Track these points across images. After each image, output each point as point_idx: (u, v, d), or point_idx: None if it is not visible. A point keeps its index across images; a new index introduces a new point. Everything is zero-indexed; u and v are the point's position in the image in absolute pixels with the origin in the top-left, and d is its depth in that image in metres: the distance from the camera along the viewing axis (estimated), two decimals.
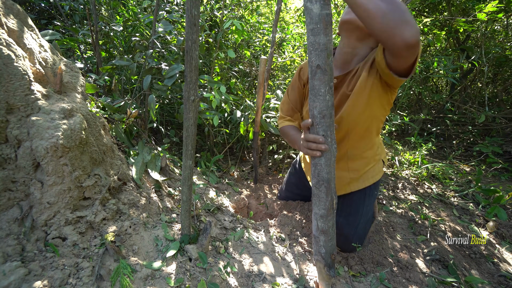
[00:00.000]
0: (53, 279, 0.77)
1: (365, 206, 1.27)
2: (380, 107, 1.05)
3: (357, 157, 1.19)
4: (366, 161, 1.21)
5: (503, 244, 1.50)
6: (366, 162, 1.22)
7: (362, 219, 1.27)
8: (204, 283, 0.91)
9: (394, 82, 0.93)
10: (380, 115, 1.08)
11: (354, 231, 1.26)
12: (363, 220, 1.27)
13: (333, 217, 0.85)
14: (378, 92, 1.00)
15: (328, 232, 0.88)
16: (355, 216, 1.27)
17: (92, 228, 0.96)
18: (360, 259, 1.26)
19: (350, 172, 1.22)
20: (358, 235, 1.26)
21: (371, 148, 1.18)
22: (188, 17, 0.81)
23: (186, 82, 0.88)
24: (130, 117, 1.56)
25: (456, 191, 2.01)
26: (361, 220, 1.27)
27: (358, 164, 1.21)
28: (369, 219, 1.32)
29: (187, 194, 1.01)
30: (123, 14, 2.18)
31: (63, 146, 0.88)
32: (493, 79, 3.47)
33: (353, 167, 1.21)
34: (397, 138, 3.16)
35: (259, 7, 2.63)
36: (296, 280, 1.07)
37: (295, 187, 1.60)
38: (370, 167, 1.23)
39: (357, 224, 1.27)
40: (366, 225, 1.30)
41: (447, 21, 2.68)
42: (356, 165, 1.21)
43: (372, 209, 1.32)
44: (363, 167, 1.22)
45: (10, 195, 0.88)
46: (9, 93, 0.87)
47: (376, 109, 1.05)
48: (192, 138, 0.95)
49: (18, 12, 1.01)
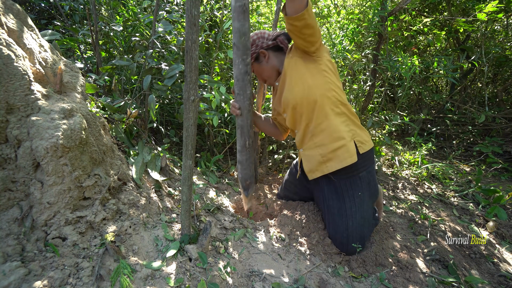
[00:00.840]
0: (53, 279, 0.77)
1: (347, 209, 1.25)
2: (314, 76, 1.20)
3: (317, 131, 1.24)
4: (328, 134, 1.22)
5: (503, 244, 1.50)
6: (330, 135, 1.22)
7: (354, 214, 1.24)
8: (204, 283, 0.91)
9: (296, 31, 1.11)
10: (320, 84, 1.20)
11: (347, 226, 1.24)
12: (357, 216, 1.24)
13: (247, 153, 1.35)
14: (301, 64, 1.22)
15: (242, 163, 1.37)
16: (339, 220, 1.26)
17: (92, 228, 0.96)
18: (362, 261, 1.26)
19: (318, 148, 1.26)
20: (354, 231, 1.23)
21: (326, 119, 1.22)
22: (188, 17, 0.81)
23: (186, 82, 0.88)
24: (130, 117, 1.56)
25: (456, 191, 2.01)
26: (354, 215, 1.24)
27: (321, 138, 1.24)
28: (364, 217, 1.27)
29: (187, 194, 1.01)
30: (123, 14, 2.18)
31: (63, 146, 0.88)
32: (493, 79, 3.47)
33: (318, 142, 1.25)
34: (397, 138, 3.16)
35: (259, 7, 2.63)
36: (296, 280, 1.07)
37: (293, 186, 1.60)
38: (342, 144, 1.21)
39: (344, 226, 1.24)
40: (363, 223, 1.26)
41: (447, 21, 2.69)
42: (319, 139, 1.25)
43: (367, 208, 1.28)
44: (329, 141, 1.22)
45: (10, 195, 0.88)
46: (9, 93, 0.87)
47: (309, 79, 1.20)
48: (192, 138, 0.95)
49: (18, 12, 1.01)
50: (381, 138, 2.41)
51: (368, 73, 2.49)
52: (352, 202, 1.25)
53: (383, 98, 2.61)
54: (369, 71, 2.48)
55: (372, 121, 2.22)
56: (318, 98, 1.20)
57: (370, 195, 1.29)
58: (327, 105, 1.21)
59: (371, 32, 2.52)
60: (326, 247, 1.30)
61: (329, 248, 1.29)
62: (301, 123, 1.28)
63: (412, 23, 2.81)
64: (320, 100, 1.20)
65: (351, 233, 1.24)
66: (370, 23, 2.27)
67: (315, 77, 1.20)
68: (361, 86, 2.57)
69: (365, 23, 2.43)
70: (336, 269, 1.19)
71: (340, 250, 1.28)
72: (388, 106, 3.44)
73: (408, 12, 2.69)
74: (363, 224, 1.26)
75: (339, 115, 1.23)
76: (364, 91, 2.61)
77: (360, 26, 2.51)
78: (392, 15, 2.29)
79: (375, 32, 2.43)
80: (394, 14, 2.28)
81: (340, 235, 1.26)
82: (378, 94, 2.91)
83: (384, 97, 2.64)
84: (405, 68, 2.09)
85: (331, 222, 1.31)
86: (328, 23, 2.78)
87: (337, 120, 1.22)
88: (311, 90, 1.20)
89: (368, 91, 2.57)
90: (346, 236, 1.24)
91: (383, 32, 2.28)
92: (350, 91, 2.57)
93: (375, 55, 2.38)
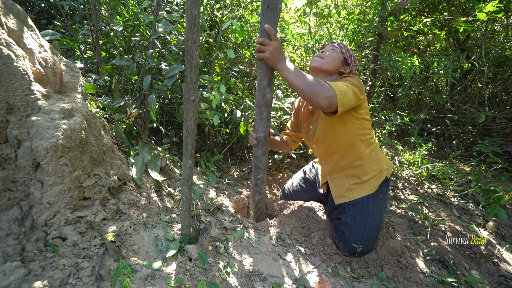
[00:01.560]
0: (53, 279, 0.77)
1: (370, 208, 1.30)
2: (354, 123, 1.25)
3: (349, 166, 1.34)
4: (362, 169, 1.32)
5: (503, 244, 1.50)
6: (364, 170, 1.31)
7: (368, 220, 1.29)
8: (204, 283, 0.91)
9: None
10: (353, 128, 1.26)
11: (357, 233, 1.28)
12: (370, 222, 1.29)
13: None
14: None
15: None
16: (360, 219, 1.29)
17: (92, 228, 0.96)
18: (365, 262, 1.26)
19: (349, 179, 1.35)
20: (371, 231, 1.29)
21: (360, 158, 1.31)
22: (188, 17, 0.81)
23: (186, 82, 0.88)
24: (130, 117, 1.56)
25: (456, 191, 2.01)
26: (368, 221, 1.29)
27: (355, 171, 1.33)
28: (382, 220, 1.33)
29: (187, 194, 1.01)
30: (123, 14, 2.18)
31: (63, 146, 0.88)
32: (493, 79, 3.47)
33: (350, 174, 1.35)
34: (397, 138, 3.16)
35: (259, 7, 2.62)
36: (296, 280, 1.07)
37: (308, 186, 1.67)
38: (372, 175, 1.32)
39: (362, 225, 1.28)
40: (379, 225, 1.32)
41: (447, 21, 2.69)
42: (352, 172, 1.34)
43: (382, 217, 1.34)
44: (362, 174, 1.32)
45: (10, 195, 0.88)
46: (9, 93, 0.87)
47: (350, 125, 1.25)
48: (192, 138, 0.95)
49: (18, 12, 1.01)
50: (381, 138, 2.41)
51: (368, 73, 2.49)
52: (375, 203, 1.31)
53: (383, 98, 2.60)
54: (369, 71, 2.48)
55: (372, 121, 2.22)
56: (356, 141, 1.29)
57: (386, 202, 1.37)
58: (362, 147, 1.30)
59: (371, 32, 2.52)
60: (326, 247, 1.30)
61: (329, 248, 1.29)
62: (333, 158, 1.37)
63: (412, 23, 2.81)
64: (357, 143, 1.29)
65: (367, 232, 1.27)
66: (370, 23, 2.27)
67: (355, 123, 1.26)
68: None
69: (365, 23, 2.43)
70: (336, 269, 1.19)
71: (348, 252, 1.29)
72: (388, 106, 3.44)
73: (408, 12, 2.69)
74: (379, 226, 1.31)
75: (371, 154, 1.33)
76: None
77: (360, 26, 2.51)
78: (392, 15, 2.29)
79: (375, 32, 2.43)
80: (394, 14, 2.28)
81: (355, 233, 1.28)
82: (378, 94, 2.91)
83: (384, 97, 2.64)
84: (405, 68, 2.09)
85: (349, 220, 1.32)
86: (328, 23, 2.78)
87: (369, 159, 1.32)
88: (350, 135, 1.27)
89: (368, 91, 2.57)
90: (361, 234, 1.27)
91: (383, 32, 2.28)
92: None
93: (375, 55, 2.38)
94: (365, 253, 1.30)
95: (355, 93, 1.14)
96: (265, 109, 1.30)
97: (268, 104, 1.29)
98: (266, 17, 1.13)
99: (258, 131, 1.36)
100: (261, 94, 1.27)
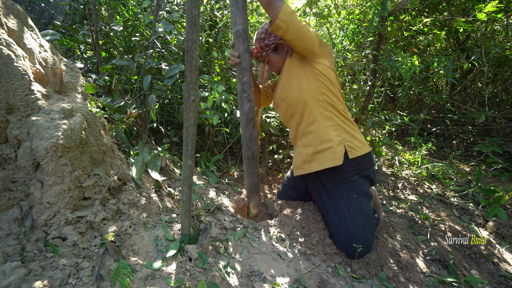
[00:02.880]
0: (53, 279, 0.77)
1: (344, 210, 1.25)
2: (308, 80, 1.24)
3: (306, 132, 1.31)
4: (316, 136, 1.27)
5: (503, 244, 1.50)
6: (317, 137, 1.27)
7: (353, 215, 1.23)
8: (204, 283, 0.91)
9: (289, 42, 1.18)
10: (313, 87, 1.24)
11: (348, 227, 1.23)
12: (357, 217, 1.23)
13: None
14: (299, 65, 1.27)
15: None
16: (339, 222, 1.26)
17: (92, 228, 0.96)
18: (366, 263, 1.24)
19: (305, 148, 1.32)
20: (357, 233, 1.23)
21: (315, 122, 1.27)
22: (188, 17, 0.81)
23: (186, 82, 0.88)
24: (130, 117, 1.56)
25: (456, 191, 2.01)
26: (353, 216, 1.23)
27: (309, 139, 1.30)
28: (365, 219, 1.26)
29: (187, 194, 1.01)
30: (123, 14, 2.18)
31: (63, 146, 0.88)
32: (493, 79, 3.47)
33: (306, 142, 1.32)
34: (397, 138, 3.16)
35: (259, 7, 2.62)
36: (296, 280, 1.07)
37: (292, 183, 1.62)
38: (328, 146, 1.25)
39: (345, 228, 1.24)
40: (365, 224, 1.25)
41: (447, 21, 2.69)
42: (308, 140, 1.31)
43: (367, 209, 1.27)
44: (316, 143, 1.28)
45: (10, 195, 0.88)
46: (9, 93, 0.87)
47: (304, 82, 1.25)
48: (192, 138, 0.95)
49: (18, 12, 1.01)
50: (381, 138, 2.41)
51: (368, 73, 2.49)
52: (348, 203, 1.26)
53: (383, 98, 2.60)
54: (369, 71, 2.48)
55: (372, 121, 2.22)
56: (309, 101, 1.26)
57: (367, 198, 1.30)
58: (317, 108, 1.26)
59: (371, 32, 2.52)
60: (326, 247, 1.30)
61: (329, 248, 1.29)
62: (293, 122, 1.36)
63: (412, 23, 2.81)
64: (311, 103, 1.26)
65: (353, 234, 1.23)
66: (370, 23, 2.27)
67: (310, 81, 1.25)
68: (361, 86, 2.57)
69: (365, 23, 2.43)
70: (336, 269, 1.19)
71: (345, 253, 1.26)
72: (388, 106, 3.44)
73: (408, 12, 2.69)
74: (364, 225, 1.25)
75: (329, 119, 1.27)
76: (364, 91, 2.61)
77: (360, 26, 2.51)
78: (392, 15, 2.29)
79: (375, 32, 2.43)
80: (394, 14, 2.28)
81: (343, 237, 1.25)
82: (378, 94, 2.91)
83: (384, 97, 2.64)
84: (405, 68, 2.09)
85: (331, 225, 1.31)
86: (328, 23, 2.78)
87: (325, 124, 1.27)
88: (304, 92, 1.26)
89: (368, 91, 2.57)
90: (349, 237, 1.23)
91: (383, 32, 2.28)
92: (350, 91, 2.57)
93: (375, 55, 2.38)
94: (364, 254, 1.26)
95: (309, 30, 1.15)
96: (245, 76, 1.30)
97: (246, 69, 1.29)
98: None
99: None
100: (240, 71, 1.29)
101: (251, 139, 1.45)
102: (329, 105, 1.27)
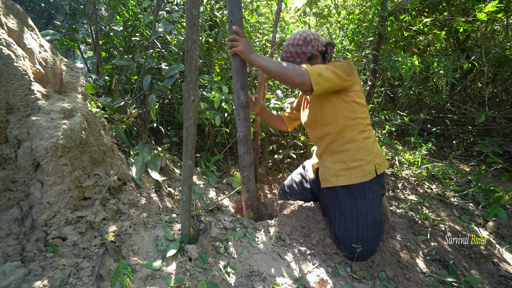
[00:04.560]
0: (53, 279, 0.77)
1: (358, 208, 1.26)
2: (342, 106, 1.28)
3: (338, 151, 1.34)
4: (350, 154, 1.30)
5: (503, 244, 1.50)
6: (351, 156, 1.30)
7: (365, 213, 1.24)
8: (204, 283, 0.91)
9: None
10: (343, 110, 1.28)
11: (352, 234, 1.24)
12: (368, 217, 1.24)
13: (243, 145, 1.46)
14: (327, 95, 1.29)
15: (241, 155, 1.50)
16: (350, 219, 1.26)
17: (92, 228, 0.96)
18: (369, 266, 1.23)
19: (336, 164, 1.35)
20: (365, 232, 1.23)
21: (350, 142, 1.31)
22: (188, 17, 0.81)
23: (186, 82, 0.88)
24: (130, 117, 1.56)
25: (456, 191, 2.01)
26: (359, 222, 1.24)
27: (341, 157, 1.33)
28: (375, 220, 1.26)
29: (187, 194, 1.01)
30: (123, 14, 2.18)
31: (63, 146, 0.88)
32: (493, 79, 3.47)
33: (337, 159, 1.35)
34: (397, 138, 3.16)
35: (259, 7, 2.63)
36: (296, 280, 1.07)
37: (302, 182, 1.64)
38: (359, 164, 1.29)
39: (354, 226, 1.24)
40: (374, 225, 1.25)
41: (447, 21, 2.68)
42: (339, 157, 1.34)
43: (377, 212, 1.28)
44: (348, 161, 1.30)
45: (10, 195, 0.88)
46: (9, 93, 0.87)
47: (339, 107, 1.28)
48: (192, 138, 0.95)
49: (18, 12, 1.01)
50: (381, 138, 2.41)
51: (368, 73, 2.49)
52: (363, 201, 1.28)
53: (383, 98, 2.60)
54: (369, 71, 2.48)
55: (372, 121, 2.22)
56: (344, 125, 1.30)
57: (379, 201, 1.33)
58: (350, 132, 1.30)
59: (371, 32, 2.52)
60: (326, 247, 1.30)
61: (329, 248, 1.29)
62: (323, 141, 1.39)
63: (412, 23, 2.81)
64: (346, 127, 1.30)
65: (361, 232, 1.23)
66: (370, 23, 2.27)
67: (343, 106, 1.28)
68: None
69: (365, 23, 2.43)
70: (336, 269, 1.19)
71: (350, 253, 1.24)
72: (388, 106, 3.44)
73: (408, 12, 2.69)
74: (373, 226, 1.25)
75: (361, 140, 1.31)
76: (364, 91, 2.61)
77: (360, 26, 2.51)
78: (392, 15, 2.29)
79: (375, 32, 2.43)
80: (394, 14, 2.28)
81: (350, 234, 1.24)
82: (378, 94, 2.91)
83: (384, 97, 2.64)
84: (405, 68, 2.09)
85: (341, 221, 1.29)
86: (328, 23, 2.78)
87: (358, 146, 1.31)
88: (338, 116, 1.29)
89: (368, 91, 2.57)
90: (355, 235, 1.22)
91: (383, 32, 2.28)
92: None
93: (375, 55, 2.38)
94: (367, 255, 1.25)
95: (335, 73, 1.18)
96: (241, 110, 1.38)
97: (243, 106, 1.37)
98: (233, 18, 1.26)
99: (238, 130, 1.42)
100: (236, 97, 1.37)
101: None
102: (361, 129, 1.32)
